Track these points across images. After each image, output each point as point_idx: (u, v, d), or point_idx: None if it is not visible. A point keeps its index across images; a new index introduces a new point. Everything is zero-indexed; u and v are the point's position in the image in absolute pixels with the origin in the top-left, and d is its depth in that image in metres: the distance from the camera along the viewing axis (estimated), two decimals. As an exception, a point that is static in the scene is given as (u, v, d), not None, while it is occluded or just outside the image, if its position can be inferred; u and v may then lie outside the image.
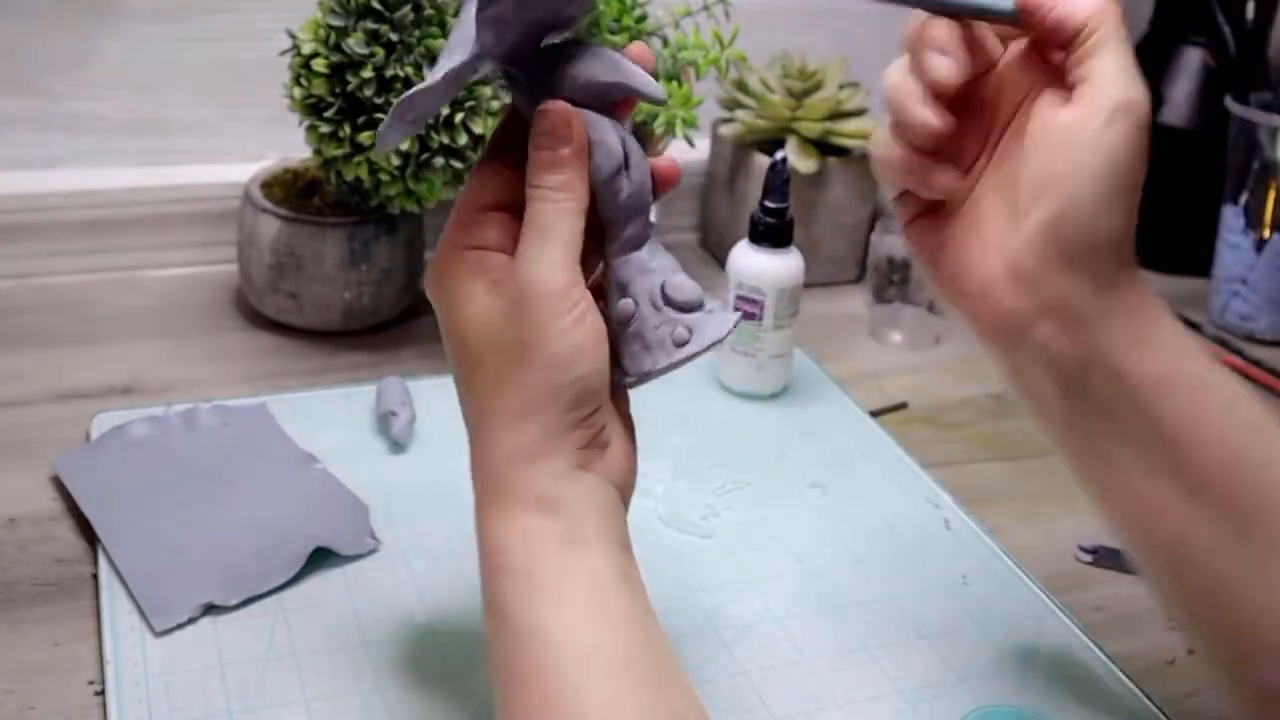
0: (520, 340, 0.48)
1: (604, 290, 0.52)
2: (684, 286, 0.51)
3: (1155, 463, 0.51)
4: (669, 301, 0.51)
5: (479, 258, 0.50)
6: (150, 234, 0.97)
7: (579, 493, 0.49)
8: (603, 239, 0.52)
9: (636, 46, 0.52)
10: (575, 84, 0.50)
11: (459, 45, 0.48)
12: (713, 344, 0.51)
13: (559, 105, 0.49)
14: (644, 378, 0.51)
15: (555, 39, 0.51)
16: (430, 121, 0.80)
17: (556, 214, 0.49)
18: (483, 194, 0.51)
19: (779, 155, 0.83)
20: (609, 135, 0.50)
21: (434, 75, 0.48)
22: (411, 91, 0.48)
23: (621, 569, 0.48)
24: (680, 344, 0.51)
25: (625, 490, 0.52)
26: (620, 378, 0.52)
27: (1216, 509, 0.50)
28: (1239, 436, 0.51)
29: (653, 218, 0.52)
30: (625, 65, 0.50)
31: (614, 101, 0.51)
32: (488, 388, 0.49)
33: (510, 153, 0.51)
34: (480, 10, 0.46)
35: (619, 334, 0.51)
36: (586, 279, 0.50)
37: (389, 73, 0.80)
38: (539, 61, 0.50)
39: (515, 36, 0.49)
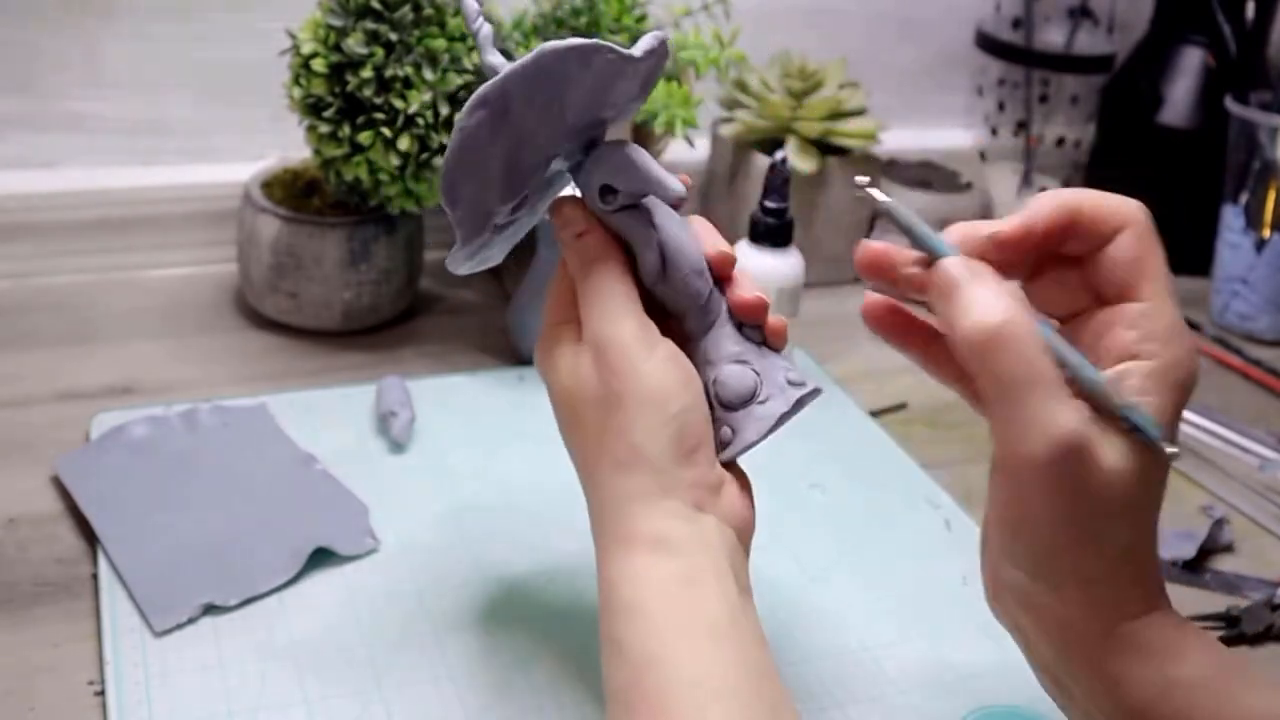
0: (611, 390, 0.51)
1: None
2: (729, 383, 0.52)
3: None
4: (718, 398, 0.53)
5: (569, 329, 0.54)
6: (150, 234, 0.97)
7: (693, 533, 0.50)
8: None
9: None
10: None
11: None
12: (748, 447, 0.52)
13: (559, 201, 0.55)
14: None
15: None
16: (430, 120, 0.80)
17: (598, 274, 0.52)
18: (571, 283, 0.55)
19: (779, 155, 0.82)
20: (648, 248, 0.53)
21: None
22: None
23: (736, 605, 0.49)
24: (724, 445, 0.53)
25: (744, 533, 0.52)
26: None
27: None
28: None
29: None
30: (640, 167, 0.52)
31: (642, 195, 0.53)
32: (593, 440, 0.52)
33: None
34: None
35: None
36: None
37: (388, 73, 0.80)
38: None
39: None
